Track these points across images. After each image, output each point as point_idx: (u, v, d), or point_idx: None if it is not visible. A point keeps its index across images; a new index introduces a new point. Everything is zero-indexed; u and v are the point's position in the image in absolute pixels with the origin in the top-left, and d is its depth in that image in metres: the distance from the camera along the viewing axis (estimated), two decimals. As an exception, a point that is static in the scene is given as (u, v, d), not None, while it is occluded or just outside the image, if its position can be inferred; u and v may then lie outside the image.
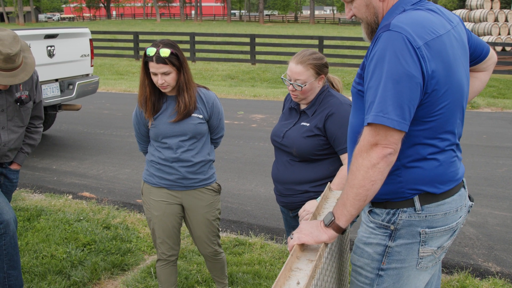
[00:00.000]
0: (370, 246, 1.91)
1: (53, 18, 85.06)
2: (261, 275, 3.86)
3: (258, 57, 19.90)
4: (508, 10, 24.17)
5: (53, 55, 7.05)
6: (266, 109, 11.02)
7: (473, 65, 2.12)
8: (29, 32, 6.97)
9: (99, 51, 21.42)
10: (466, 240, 4.59)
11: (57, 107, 7.67)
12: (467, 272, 3.99)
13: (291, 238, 1.77)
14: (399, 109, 1.63)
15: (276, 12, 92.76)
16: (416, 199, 1.82)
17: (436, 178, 1.82)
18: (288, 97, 2.96)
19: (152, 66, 2.81)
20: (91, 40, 7.85)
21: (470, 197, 2.03)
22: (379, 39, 1.70)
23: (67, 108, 8.01)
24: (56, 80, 7.26)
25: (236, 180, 6.28)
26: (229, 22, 63.96)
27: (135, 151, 7.46)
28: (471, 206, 2.02)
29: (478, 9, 23.86)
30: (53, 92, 7.15)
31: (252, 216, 5.18)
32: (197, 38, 22.89)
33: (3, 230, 3.08)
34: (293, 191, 2.82)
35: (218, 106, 3.10)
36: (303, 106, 2.83)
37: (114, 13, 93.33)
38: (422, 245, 1.86)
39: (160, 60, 2.78)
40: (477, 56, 2.10)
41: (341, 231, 1.76)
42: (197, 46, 21.23)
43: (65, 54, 7.28)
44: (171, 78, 2.84)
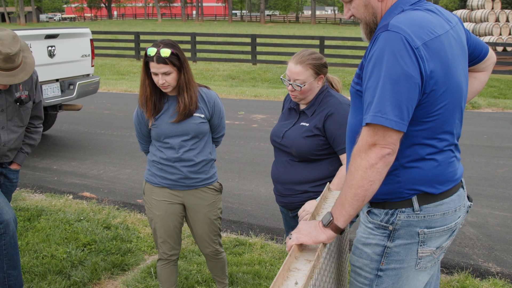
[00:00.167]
0: (369, 247, 1.91)
1: (54, 18, 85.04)
2: (261, 275, 3.86)
3: (259, 57, 19.89)
4: (509, 10, 24.18)
5: (54, 55, 7.05)
6: (267, 109, 11.01)
7: (472, 65, 2.12)
8: (29, 32, 6.98)
9: (100, 51, 21.43)
10: (466, 241, 4.59)
11: (57, 107, 7.68)
12: (467, 273, 3.99)
13: (290, 238, 1.77)
14: (397, 109, 1.63)
15: (277, 12, 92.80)
16: (414, 199, 1.82)
17: (435, 178, 1.82)
18: (287, 97, 2.96)
19: (153, 66, 2.82)
20: (91, 40, 7.85)
21: (468, 197, 2.03)
22: (378, 39, 1.70)
23: (68, 108, 8.03)
24: (57, 80, 7.26)
25: (236, 180, 6.28)
26: (230, 22, 63.97)
27: (136, 151, 7.47)
28: (469, 207, 2.02)
29: (479, 9, 23.84)
30: (53, 92, 7.16)
31: (253, 216, 5.18)
32: (198, 38, 22.90)
33: (3, 230, 3.08)
34: (292, 191, 2.82)
35: (219, 105, 3.10)
36: (303, 106, 2.83)
37: (115, 13, 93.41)
38: (421, 245, 1.86)
39: (160, 60, 2.78)
40: (476, 56, 2.10)
41: (340, 231, 1.76)
42: (198, 46, 21.23)
43: (65, 54, 7.28)
44: (171, 78, 2.85)
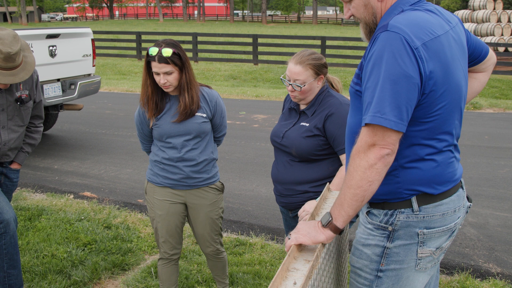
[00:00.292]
0: (369, 248, 1.90)
1: (56, 18, 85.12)
2: (261, 275, 3.86)
3: (260, 57, 19.90)
4: (511, 11, 24.12)
5: (55, 55, 7.06)
6: (268, 110, 11.01)
7: (472, 65, 2.11)
8: (31, 32, 6.99)
9: (101, 51, 21.47)
10: (467, 241, 4.58)
11: (59, 107, 7.69)
12: (467, 273, 3.99)
13: (289, 239, 1.77)
14: (396, 109, 1.63)
15: (279, 13, 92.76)
16: (413, 199, 1.82)
17: (434, 178, 1.81)
18: (288, 97, 2.96)
19: (155, 66, 2.82)
20: (93, 40, 7.86)
21: (468, 197, 2.03)
22: (377, 39, 1.70)
23: (69, 108, 8.04)
24: (58, 80, 7.27)
25: (237, 180, 6.28)
26: (232, 22, 63.99)
27: (137, 151, 7.47)
28: (469, 207, 2.02)
29: (481, 9, 23.82)
30: (55, 92, 7.17)
31: (253, 216, 5.18)
32: (199, 38, 22.92)
33: (3, 230, 3.09)
34: (292, 191, 2.82)
35: (221, 105, 3.11)
36: (303, 107, 2.82)
37: (117, 13, 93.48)
38: (420, 246, 1.86)
39: (162, 59, 2.79)
40: (476, 57, 2.09)
41: (339, 231, 1.76)
42: (200, 46, 21.24)
43: (67, 54, 7.29)
44: (173, 78, 2.85)
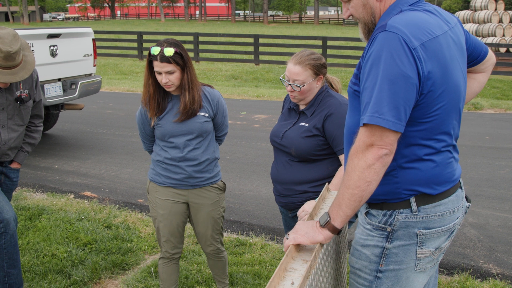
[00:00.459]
0: (368, 248, 1.90)
1: (57, 17, 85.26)
2: (261, 276, 3.86)
3: (261, 57, 19.90)
4: (513, 11, 24.07)
5: (56, 54, 7.07)
6: (269, 110, 11.01)
7: (471, 66, 2.11)
8: (32, 31, 6.99)
9: (103, 51, 21.47)
10: (467, 242, 4.58)
11: (59, 107, 7.70)
12: (467, 274, 3.98)
13: (287, 239, 1.77)
14: (394, 110, 1.63)
15: (280, 13, 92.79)
16: (412, 200, 1.81)
17: (433, 179, 1.81)
18: (287, 97, 2.96)
19: (157, 65, 2.82)
20: (94, 40, 7.87)
21: (467, 198, 2.03)
22: (375, 39, 1.70)
23: (70, 108, 8.05)
24: (59, 80, 7.28)
25: (237, 180, 6.28)
26: (234, 22, 64.01)
27: (137, 151, 7.48)
28: (468, 207, 2.02)
29: (483, 10, 23.77)
30: (55, 91, 7.17)
31: (253, 216, 5.18)
32: (201, 38, 22.93)
33: (3, 229, 3.09)
34: (292, 191, 2.82)
35: (223, 104, 3.11)
36: (302, 107, 2.82)
37: (118, 13, 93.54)
38: (419, 246, 1.86)
39: (164, 59, 2.79)
40: (476, 57, 2.09)
41: (337, 231, 1.76)
42: (201, 46, 21.24)
43: (68, 53, 7.30)
44: (175, 77, 2.85)
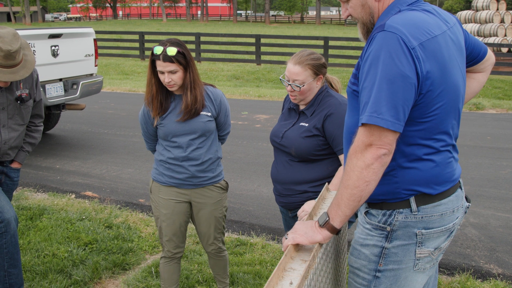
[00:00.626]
0: (367, 248, 1.90)
1: (59, 18, 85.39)
2: (262, 276, 3.86)
3: (263, 57, 19.90)
4: (515, 11, 24.03)
5: (57, 54, 7.08)
6: (270, 110, 11.01)
7: (470, 66, 2.11)
8: (33, 31, 7.00)
9: (104, 51, 21.48)
10: (468, 242, 4.57)
11: (61, 107, 7.71)
12: (468, 274, 3.98)
13: (286, 238, 1.77)
14: (393, 109, 1.63)
15: (282, 13, 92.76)
16: (412, 200, 1.81)
17: (432, 179, 1.81)
18: (287, 97, 2.96)
19: (159, 65, 2.83)
20: (95, 40, 7.88)
21: (467, 198, 2.02)
22: (374, 39, 1.70)
23: (71, 108, 8.05)
24: (60, 80, 7.29)
25: (238, 180, 6.28)
26: (235, 22, 64.01)
27: (139, 150, 7.48)
28: (467, 207, 2.01)
29: (484, 10, 23.72)
30: (57, 91, 7.18)
31: (254, 216, 5.18)
32: (202, 38, 22.91)
33: (4, 229, 3.09)
34: (292, 191, 2.82)
35: (225, 103, 3.12)
36: (302, 107, 2.83)
37: (120, 13, 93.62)
38: (418, 246, 1.85)
39: (167, 58, 2.80)
40: (475, 57, 2.09)
41: (336, 231, 1.76)
42: (203, 46, 21.25)
43: (69, 53, 7.31)
44: (177, 77, 2.85)
